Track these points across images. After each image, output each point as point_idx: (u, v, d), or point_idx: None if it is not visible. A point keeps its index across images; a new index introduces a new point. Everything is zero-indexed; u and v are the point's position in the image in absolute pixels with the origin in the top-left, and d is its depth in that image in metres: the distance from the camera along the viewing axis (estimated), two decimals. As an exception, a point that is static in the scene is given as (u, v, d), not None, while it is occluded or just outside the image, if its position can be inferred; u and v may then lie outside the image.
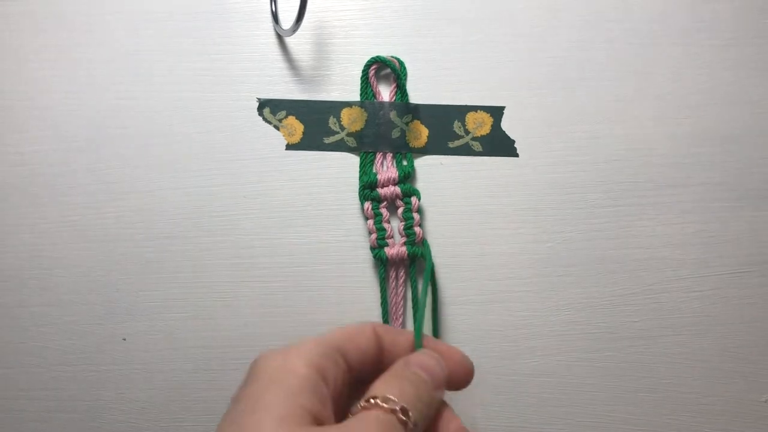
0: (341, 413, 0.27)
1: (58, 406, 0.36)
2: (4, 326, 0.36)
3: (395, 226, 0.36)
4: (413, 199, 0.36)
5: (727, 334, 0.36)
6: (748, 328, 0.37)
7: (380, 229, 0.35)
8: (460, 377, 0.29)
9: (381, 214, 0.36)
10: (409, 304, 0.37)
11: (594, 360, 0.36)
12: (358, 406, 0.25)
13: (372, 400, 0.25)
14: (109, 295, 0.36)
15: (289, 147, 0.37)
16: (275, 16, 0.37)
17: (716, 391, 0.36)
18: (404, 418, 0.25)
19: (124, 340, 0.36)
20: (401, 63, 0.37)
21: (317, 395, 0.25)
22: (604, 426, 0.36)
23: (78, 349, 0.36)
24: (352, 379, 0.28)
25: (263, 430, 0.23)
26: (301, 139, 0.37)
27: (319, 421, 0.25)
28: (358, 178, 0.37)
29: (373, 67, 0.37)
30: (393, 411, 0.25)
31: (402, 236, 0.36)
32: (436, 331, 0.36)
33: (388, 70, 0.37)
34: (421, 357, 0.29)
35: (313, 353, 0.26)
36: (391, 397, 0.25)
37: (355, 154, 0.37)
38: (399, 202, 0.36)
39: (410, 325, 0.37)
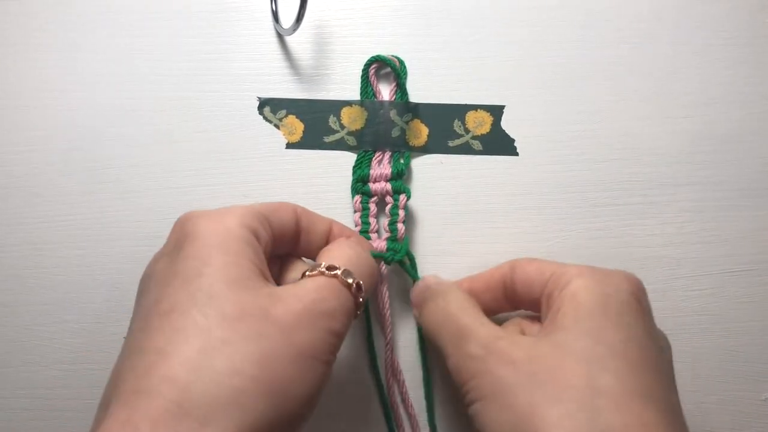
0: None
1: (58, 406, 0.36)
2: (3, 325, 0.36)
3: (382, 222, 0.36)
4: (402, 197, 0.36)
5: (727, 333, 0.36)
6: (748, 327, 0.37)
7: (365, 223, 0.35)
8: None
9: (368, 209, 0.36)
10: (396, 301, 0.37)
11: (594, 359, 0.36)
12: (315, 271, 0.27)
13: (321, 269, 0.27)
14: (108, 294, 0.36)
15: (289, 146, 0.37)
16: (275, 15, 0.37)
17: (716, 390, 0.36)
18: (357, 291, 0.27)
19: (125, 339, 0.36)
20: (401, 62, 0.37)
21: (258, 255, 0.26)
22: (604, 425, 0.36)
23: (78, 349, 0.36)
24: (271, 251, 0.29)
25: (217, 294, 0.24)
26: (302, 138, 0.37)
27: (265, 278, 0.26)
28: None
29: (373, 66, 0.37)
30: (349, 285, 0.27)
31: (386, 232, 0.36)
32: None
33: (388, 69, 0.37)
34: (355, 235, 0.33)
35: (245, 216, 0.27)
36: (348, 267, 0.27)
37: (355, 153, 0.37)
38: (389, 199, 0.36)
39: (402, 325, 0.37)
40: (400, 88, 0.37)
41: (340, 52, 0.37)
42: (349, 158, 0.37)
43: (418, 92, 0.37)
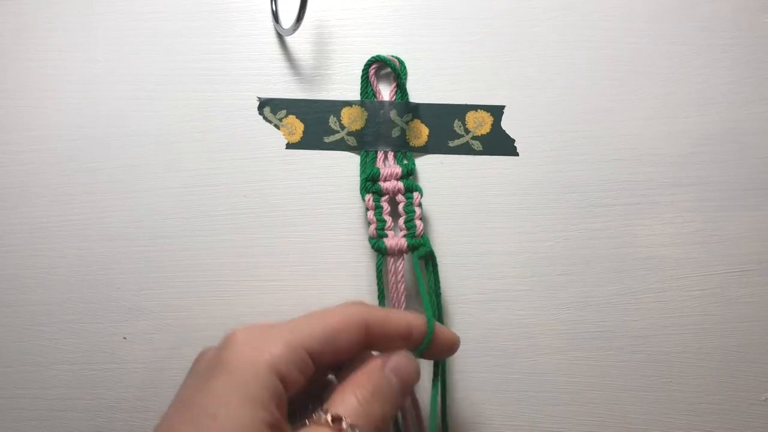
0: (302, 406, 0.27)
1: (58, 406, 0.36)
2: (3, 325, 0.36)
3: (396, 221, 0.36)
4: (415, 194, 0.36)
5: (727, 333, 0.36)
6: (748, 327, 0.37)
7: (380, 220, 0.35)
8: (445, 350, 0.31)
9: (381, 207, 0.36)
10: (411, 298, 0.37)
11: (594, 359, 0.36)
12: (315, 415, 0.25)
13: (324, 416, 0.25)
14: (109, 294, 0.36)
15: (289, 146, 0.37)
16: (275, 15, 0.37)
17: (716, 390, 0.36)
18: None
19: (125, 339, 0.36)
20: (401, 62, 0.37)
21: (278, 402, 0.25)
22: (604, 425, 0.36)
23: (78, 348, 0.36)
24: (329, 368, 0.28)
25: None
26: (302, 138, 0.37)
27: (273, 425, 0.25)
28: (358, 176, 0.37)
29: (374, 66, 0.37)
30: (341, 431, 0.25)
31: (402, 230, 0.36)
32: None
33: (389, 70, 0.37)
34: (399, 359, 0.28)
35: (284, 357, 0.26)
36: (345, 418, 0.25)
37: (356, 153, 0.37)
38: (401, 197, 0.36)
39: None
40: (400, 89, 0.37)
41: (340, 52, 0.37)
42: (350, 158, 0.37)
43: (418, 92, 0.37)
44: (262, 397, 0.25)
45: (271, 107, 0.37)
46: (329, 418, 0.25)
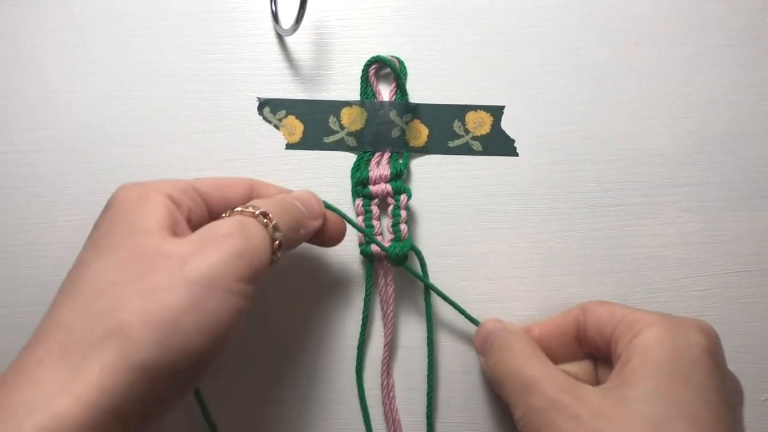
0: None
1: (58, 406, 0.36)
2: (3, 326, 0.36)
3: (385, 224, 0.36)
4: (402, 196, 0.35)
5: (727, 334, 0.36)
6: (749, 328, 0.37)
7: (369, 226, 0.35)
8: (333, 235, 0.33)
9: (371, 212, 0.36)
10: (402, 303, 0.37)
11: (594, 359, 0.36)
12: (222, 215, 0.27)
13: (235, 210, 0.27)
14: (109, 294, 0.36)
15: (289, 146, 0.37)
16: (275, 16, 0.37)
17: (716, 391, 0.36)
18: (265, 219, 0.26)
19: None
20: (401, 62, 0.37)
21: (170, 215, 0.26)
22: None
23: (78, 349, 0.36)
24: None
25: (114, 243, 0.25)
26: (301, 139, 0.37)
27: (175, 233, 0.26)
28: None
29: (373, 66, 0.37)
30: (254, 215, 0.26)
31: (390, 233, 0.36)
32: (431, 325, 0.36)
33: (388, 70, 0.37)
34: (302, 192, 0.31)
35: (167, 186, 0.27)
36: (255, 204, 0.27)
37: (355, 154, 0.37)
38: (390, 200, 0.36)
39: (402, 327, 0.37)
40: (400, 89, 0.37)
41: (340, 52, 0.37)
42: (349, 159, 0.37)
43: (418, 93, 0.37)
44: (150, 206, 0.26)
45: (270, 107, 0.37)
46: (238, 209, 0.27)
